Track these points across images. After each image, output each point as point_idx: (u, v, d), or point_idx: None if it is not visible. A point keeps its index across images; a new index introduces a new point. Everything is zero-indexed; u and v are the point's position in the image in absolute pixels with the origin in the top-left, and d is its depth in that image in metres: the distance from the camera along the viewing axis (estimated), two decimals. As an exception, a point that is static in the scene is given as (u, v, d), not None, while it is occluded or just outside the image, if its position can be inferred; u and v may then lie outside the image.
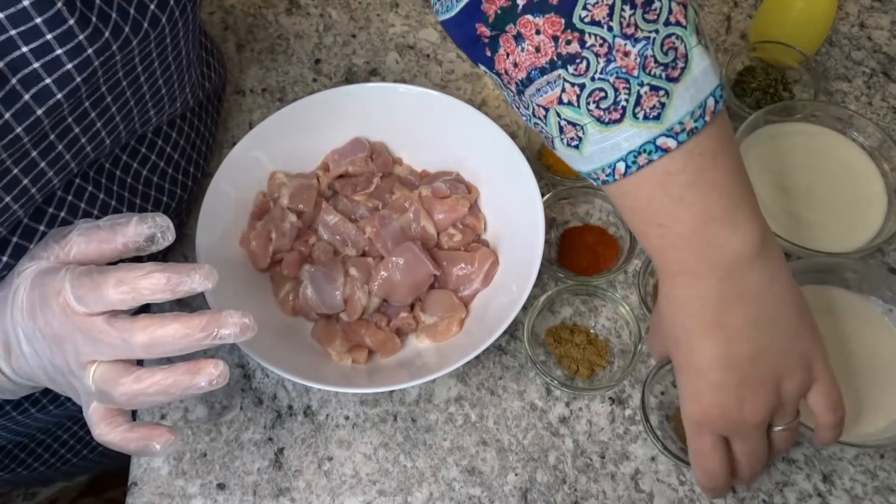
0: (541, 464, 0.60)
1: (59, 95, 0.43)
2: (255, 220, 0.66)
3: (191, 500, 0.59)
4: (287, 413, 0.62)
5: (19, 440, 0.74)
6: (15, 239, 0.50)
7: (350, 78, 0.78)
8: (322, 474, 0.60)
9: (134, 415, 0.63)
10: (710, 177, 0.45)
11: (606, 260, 0.67)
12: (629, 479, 0.59)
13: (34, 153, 0.45)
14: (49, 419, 0.73)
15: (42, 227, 0.51)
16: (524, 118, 0.50)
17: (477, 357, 0.58)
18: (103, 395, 0.44)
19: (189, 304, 0.66)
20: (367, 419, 0.62)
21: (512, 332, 0.64)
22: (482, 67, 0.50)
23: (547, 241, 0.61)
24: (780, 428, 0.51)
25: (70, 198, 0.53)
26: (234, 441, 0.61)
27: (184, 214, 0.69)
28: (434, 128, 0.68)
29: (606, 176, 0.47)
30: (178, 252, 0.69)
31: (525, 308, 0.59)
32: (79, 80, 0.43)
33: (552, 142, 0.49)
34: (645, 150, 0.44)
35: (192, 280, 0.42)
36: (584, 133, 0.45)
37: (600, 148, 0.45)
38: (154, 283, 0.41)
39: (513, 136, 0.65)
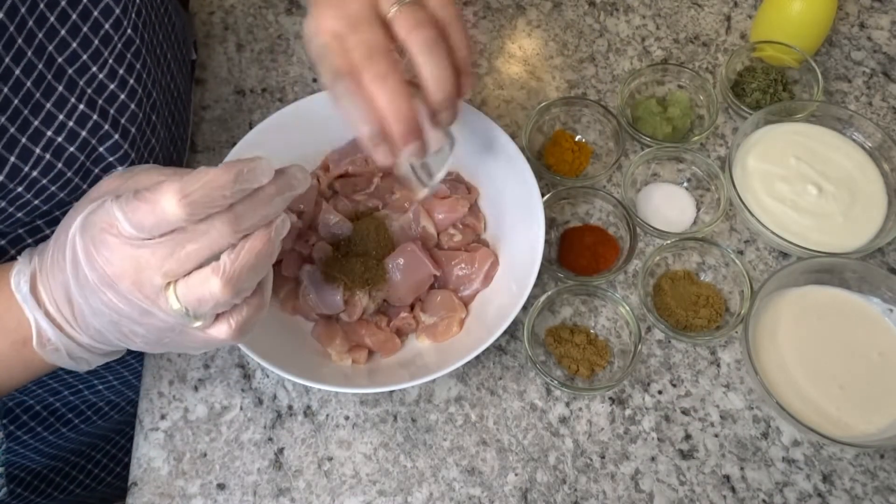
0: (541, 464, 0.60)
1: None
2: (255, 220, 0.66)
3: (191, 500, 0.59)
4: (287, 413, 0.62)
5: (53, 464, 0.74)
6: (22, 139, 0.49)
7: (350, 78, 0.78)
8: (322, 474, 0.60)
9: (134, 417, 0.63)
10: None
11: (606, 260, 0.67)
12: (629, 479, 0.59)
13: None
14: (80, 438, 0.73)
15: (37, 150, 0.50)
16: None
17: (477, 357, 0.58)
18: (197, 310, 0.40)
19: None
20: (367, 419, 0.62)
21: (512, 332, 0.64)
22: None
23: (547, 241, 0.61)
24: (395, 9, 0.47)
25: (71, 123, 0.52)
26: (234, 441, 0.61)
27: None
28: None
29: None
30: (178, 252, 0.69)
31: (525, 308, 0.59)
32: None
33: None
34: None
35: (258, 169, 0.39)
36: None
37: None
38: (222, 180, 0.37)
39: (513, 137, 0.65)
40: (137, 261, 0.39)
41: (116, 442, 0.81)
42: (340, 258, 0.62)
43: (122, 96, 0.55)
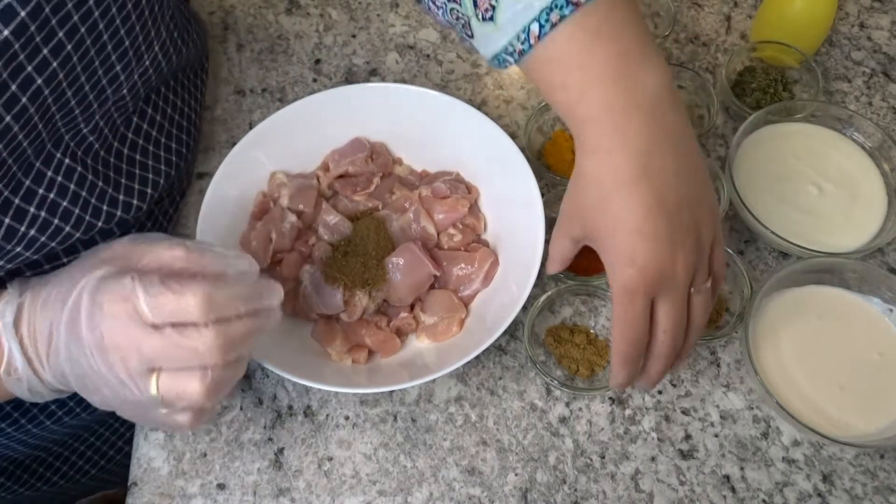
0: (541, 464, 0.60)
1: (6, 32, 0.41)
2: (255, 220, 0.66)
3: (191, 500, 0.59)
4: (287, 413, 0.62)
5: (36, 454, 0.74)
6: (6, 219, 0.50)
7: (350, 78, 0.78)
8: (322, 474, 0.60)
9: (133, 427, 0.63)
10: (622, 14, 0.46)
11: (606, 260, 0.67)
12: (629, 479, 0.59)
13: None
14: (64, 430, 0.72)
15: (32, 209, 0.51)
16: (440, 14, 0.51)
17: (477, 357, 0.57)
18: (172, 403, 0.44)
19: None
20: (367, 419, 0.62)
21: (512, 332, 0.64)
22: None
23: (547, 241, 0.61)
24: (698, 290, 0.50)
25: (60, 178, 0.52)
26: (234, 441, 0.61)
27: (176, 194, 0.69)
28: (434, 128, 0.68)
29: (522, 44, 0.46)
30: (178, 252, 0.69)
31: (525, 308, 0.59)
32: (23, 14, 0.42)
33: (468, 24, 0.49)
34: (556, 6, 0.44)
35: (273, 295, 0.47)
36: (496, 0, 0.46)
37: (513, 12, 0.46)
38: (245, 294, 0.45)
39: (513, 136, 0.65)
40: (136, 343, 0.42)
41: (101, 434, 0.81)
42: (340, 258, 0.62)
43: (102, 152, 0.57)
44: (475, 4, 0.47)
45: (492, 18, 0.47)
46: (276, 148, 0.67)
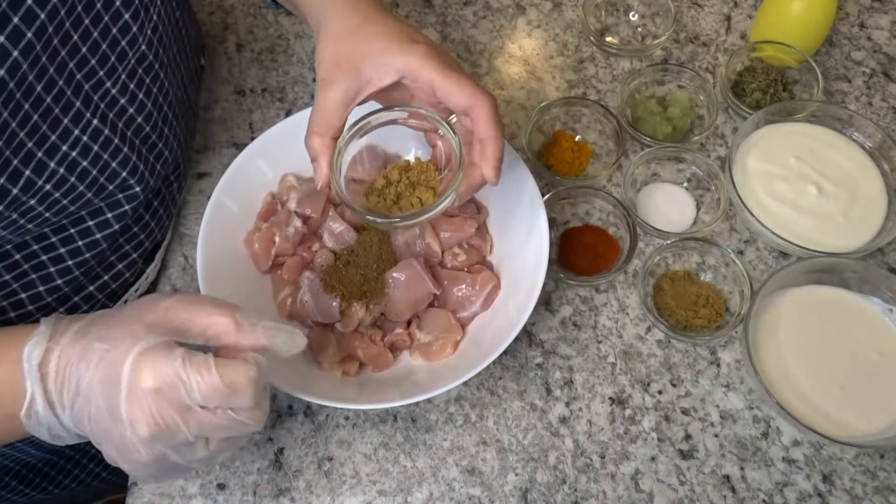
0: (541, 464, 0.60)
1: None
2: (261, 220, 0.65)
3: (191, 500, 0.59)
4: (287, 413, 0.62)
5: (49, 457, 0.74)
6: (28, 171, 0.50)
7: (350, 78, 0.78)
8: (322, 474, 0.60)
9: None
10: None
11: (606, 260, 0.67)
12: (629, 479, 0.59)
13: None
14: None
15: (52, 164, 0.51)
16: None
17: (477, 357, 0.57)
18: (212, 457, 0.47)
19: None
20: (367, 419, 0.62)
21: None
22: None
23: (551, 245, 0.61)
24: None
25: (85, 138, 0.53)
26: (235, 441, 0.61)
27: (182, 179, 0.68)
28: None
29: None
30: (179, 252, 0.69)
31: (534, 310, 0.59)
32: None
33: None
34: None
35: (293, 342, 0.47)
36: None
37: None
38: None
39: (513, 137, 0.65)
40: (184, 420, 0.43)
41: None
42: (341, 267, 0.62)
43: (131, 110, 0.56)
44: None
45: None
46: (289, 150, 0.67)
